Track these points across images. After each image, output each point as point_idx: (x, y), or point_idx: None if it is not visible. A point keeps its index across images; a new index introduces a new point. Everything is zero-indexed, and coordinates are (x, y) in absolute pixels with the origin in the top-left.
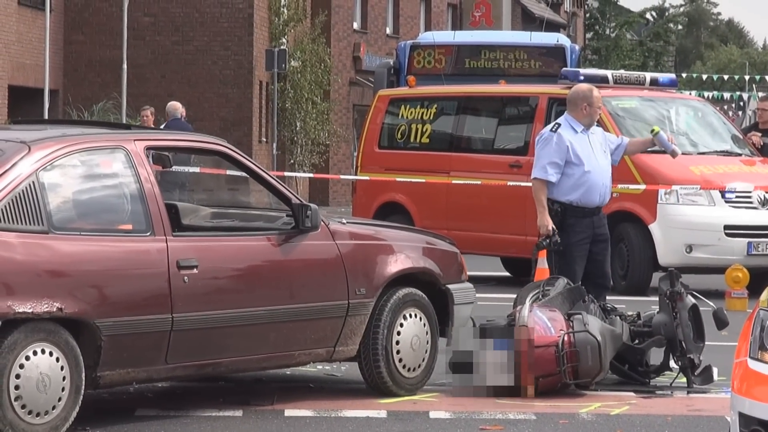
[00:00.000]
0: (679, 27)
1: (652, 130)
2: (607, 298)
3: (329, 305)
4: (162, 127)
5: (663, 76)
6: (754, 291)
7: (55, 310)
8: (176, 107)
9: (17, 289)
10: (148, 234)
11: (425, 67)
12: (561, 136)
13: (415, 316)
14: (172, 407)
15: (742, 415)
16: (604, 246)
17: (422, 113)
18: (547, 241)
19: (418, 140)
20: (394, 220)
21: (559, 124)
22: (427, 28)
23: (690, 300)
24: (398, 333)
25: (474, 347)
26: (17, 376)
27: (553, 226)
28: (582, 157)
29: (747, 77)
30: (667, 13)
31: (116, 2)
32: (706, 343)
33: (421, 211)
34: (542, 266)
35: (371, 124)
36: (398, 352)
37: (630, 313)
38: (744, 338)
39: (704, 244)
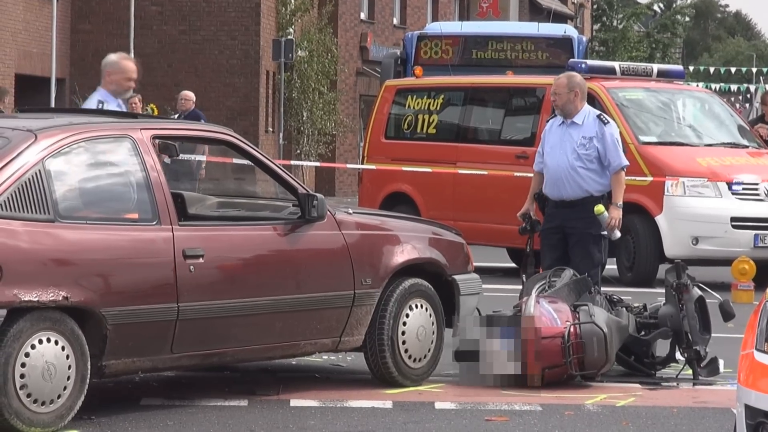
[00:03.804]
0: (687, 19)
1: (596, 210)
2: (614, 289)
3: (335, 295)
4: (181, 117)
5: (670, 68)
6: (760, 283)
7: (60, 298)
8: (191, 97)
9: (23, 277)
10: (154, 223)
11: (432, 58)
12: (546, 127)
13: (421, 306)
14: (177, 396)
15: (748, 407)
16: (573, 240)
17: (429, 104)
18: (523, 226)
19: (424, 131)
20: (400, 210)
21: (555, 115)
22: (434, 18)
23: (696, 292)
24: (404, 323)
25: (480, 338)
26: (23, 365)
27: (527, 213)
28: (547, 147)
29: (754, 69)
30: (674, 5)
31: None
32: (713, 335)
33: (428, 202)
34: None
35: (378, 115)
36: (404, 342)
37: (636, 304)
38: (750, 330)
39: (711, 236)
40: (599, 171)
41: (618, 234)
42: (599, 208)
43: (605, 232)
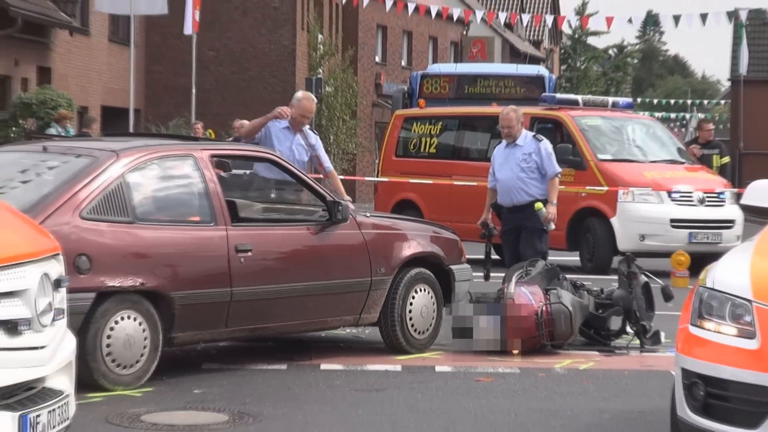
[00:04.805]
0: (635, 61)
1: (536, 206)
2: (577, 276)
3: (356, 281)
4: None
5: (622, 100)
6: (694, 271)
7: (138, 284)
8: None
9: (108, 267)
10: (212, 224)
11: (433, 92)
12: (494, 152)
13: (424, 290)
14: (231, 362)
15: (684, 370)
16: (524, 234)
17: (430, 129)
18: (483, 233)
19: (427, 150)
20: (407, 213)
21: (500, 141)
22: (435, 61)
23: (643, 278)
24: (410, 303)
25: (471, 315)
26: (108, 337)
27: (486, 221)
28: (496, 166)
29: (689, 101)
30: (625, 50)
31: (187, 39)
32: (656, 312)
33: (429, 207)
34: None
35: (389, 138)
36: (410, 318)
37: (595, 288)
38: (686, 309)
39: (654, 233)
40: (539, 179)
41: (553, 226)
42: (538, 205)
43: (546, 228)
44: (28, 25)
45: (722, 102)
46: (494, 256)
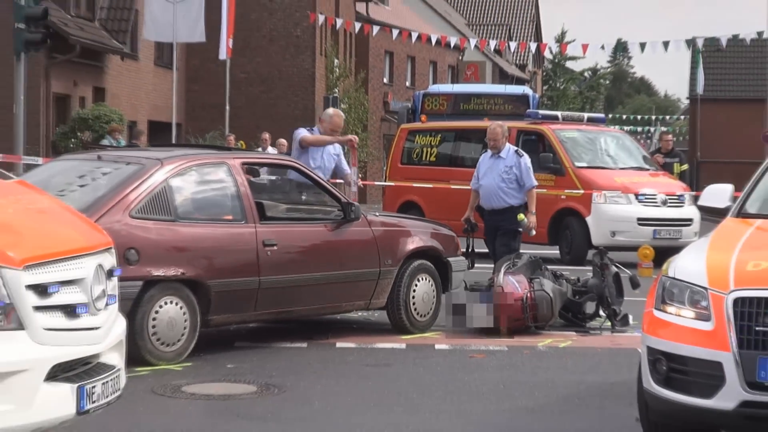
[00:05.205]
0: (607, 82)
1: (519, 217)
2: (557, 267)
3: (366, 272)
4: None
5: (596, 116)
6: (657, 263)
7: (179, 274)
8: (285, 143)
9: (154, 259)
10: (243, 222)
11: (433, 109)
12: (480, 159)
13: (425, 279)
14: (259, 340)
15: (649, 348)
16: (500, 233)
17: (431, 140)
18: (465, 228)
19: (427, 159)
20: (411, 213)
21: (486, 150)
22: (435, 81)
23: (614, 269)
24: (414, 290)
25: (465, 301)
26: (153, 319)
27: (468, 218)
28: (480, 173)
29: (654, 117)
30: (598, 72)
31: (221, 64)
32: (625, 298)
33: (430, 207)
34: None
35: (396, 148)
36: (414, 303)
37: (572, 277)
38: (651, 295)
39: (624, 230)
40: (517, 188)
41: (534, 232)
42: (521, 216)
43: (521, 229)
44: (86, 51)
45: (682, 117)
46: (484, 250)
